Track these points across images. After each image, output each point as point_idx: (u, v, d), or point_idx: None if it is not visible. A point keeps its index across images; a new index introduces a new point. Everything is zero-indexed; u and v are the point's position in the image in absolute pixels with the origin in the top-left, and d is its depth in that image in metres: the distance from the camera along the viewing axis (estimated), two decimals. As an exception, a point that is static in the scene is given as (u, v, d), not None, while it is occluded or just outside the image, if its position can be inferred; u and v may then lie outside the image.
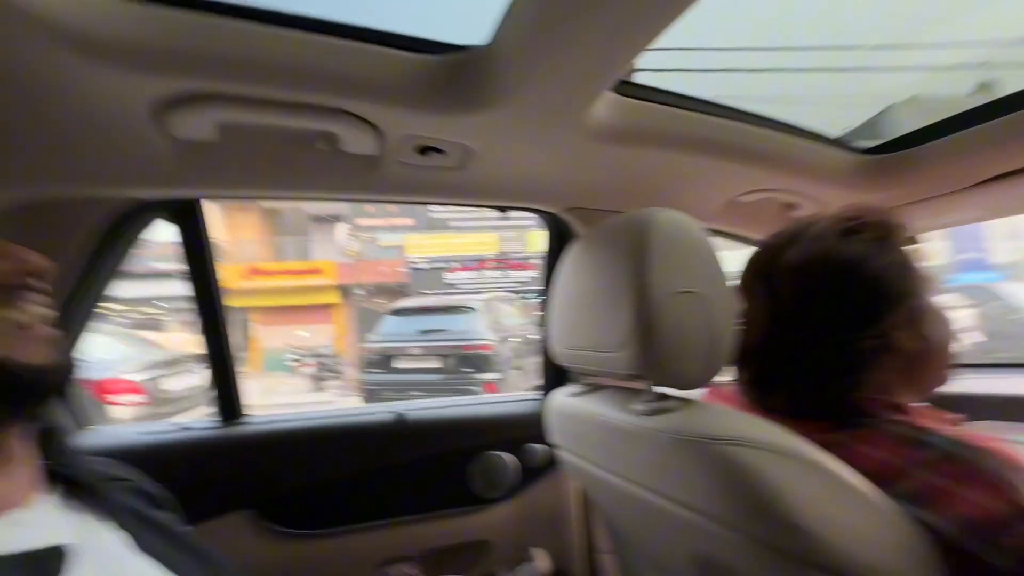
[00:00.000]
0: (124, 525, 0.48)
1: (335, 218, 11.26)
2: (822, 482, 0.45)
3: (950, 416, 0.58)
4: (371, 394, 5.40)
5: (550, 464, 1.13)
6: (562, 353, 0.74)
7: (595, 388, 0.78)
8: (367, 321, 10.49)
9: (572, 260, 0.73)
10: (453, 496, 1.08)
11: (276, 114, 0.65)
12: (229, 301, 1.02)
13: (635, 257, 0.55)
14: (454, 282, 11.61)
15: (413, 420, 1.08)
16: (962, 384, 0.77)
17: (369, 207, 12.24)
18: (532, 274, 11.54)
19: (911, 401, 0.58)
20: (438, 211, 12.47)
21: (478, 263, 12.00)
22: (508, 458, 1.10)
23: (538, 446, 1.12)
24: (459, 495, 1.08)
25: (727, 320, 0.56)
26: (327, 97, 0.64)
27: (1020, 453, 0.47)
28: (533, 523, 1.12)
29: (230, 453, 0.97)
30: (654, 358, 0.54)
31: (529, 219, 1.10)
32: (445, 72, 0.65)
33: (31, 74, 0.53)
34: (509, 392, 5.49)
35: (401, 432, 1.07)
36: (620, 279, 0.57)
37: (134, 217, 0.86)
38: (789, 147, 0.90)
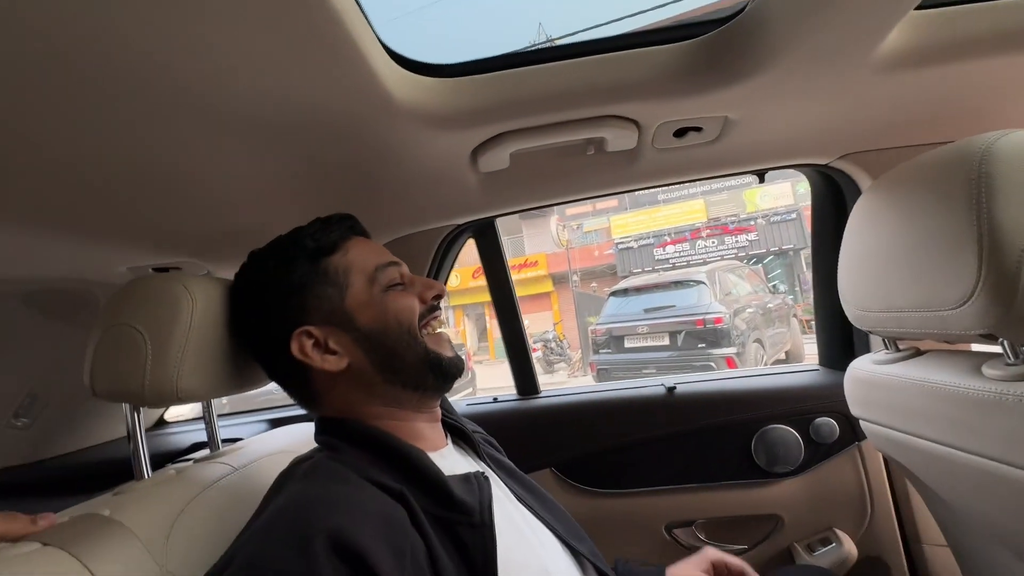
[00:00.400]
0: (492, 468, 0.64)
1: (548, 212, 11.90)
2: None
3: None
4: (602, 373, 5.61)
5: (843, 440, 1.03)
6: (864, 316, 0.67)
7: (915, 353, 0.69)
8: (582, 305, 10.84)
9: (867, 211, 0.66)
10: (735, 468, 1.07)
11: (553, 134, 0.75)
12: (465, 300, 1.25)
13: (974, 195, 0.47)
14: (664, 257, 11.05)
15: (684, 393, 1.12)
16: None
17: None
18: (751, 237, 10.25)
19: None
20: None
21: (690, 233, 11.16)
22: (792, 432, 1.05)
23: (828, 419, 1.04)
24: (741, 468, 1.07)
25: None
26: (596, 108, 0.72)
27: None
28: (829, 503, 1.04)
29: (531, 421, 1.17)
30: (1018, 313, 0.46)
31: (743, 179, 1.01)
32: (702, 53, 0.66)
33: (393, 147, 0.73)
34: (750, 366, 5.05)
35: (674, 404, 1.12)
36: (952, 223, 0.49)
37: (455, 239, 1.12)
38: None
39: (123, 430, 1.31)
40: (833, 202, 1.05)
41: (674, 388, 1.12)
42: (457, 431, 0.68)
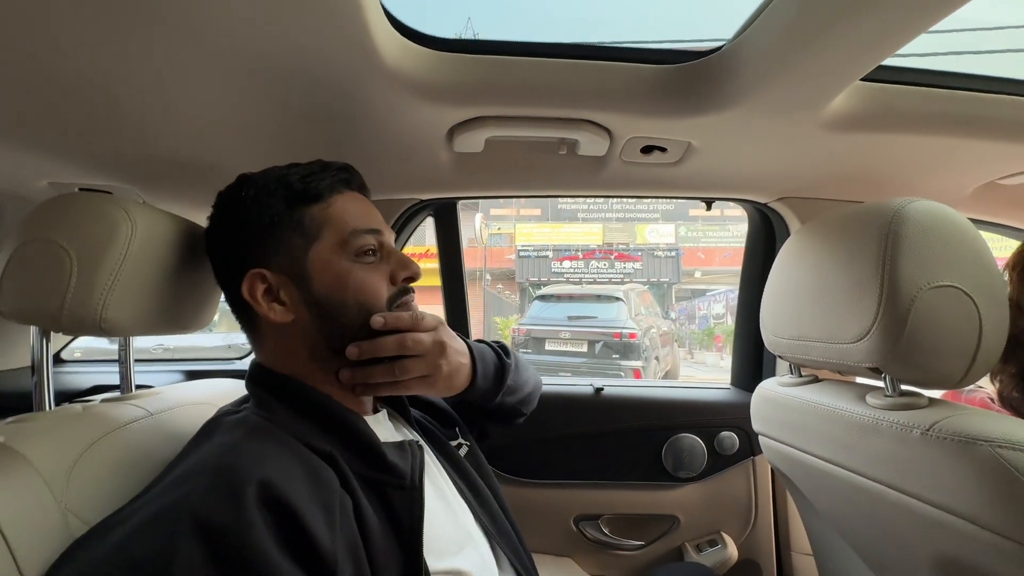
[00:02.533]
0: (423, 438, 0.65)
1: (473, 207, 11.96)
2: None
3: None
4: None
5: (741, 453, 1.14)
6: (777, 341, 0.75)
7: (813, 380, 0.78)
8: (488, 305, 11.14)
9: (795, 249, 0.74)
10: (644, 470, 1.15)
11: (531, 127, 0.78)
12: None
13: (882, 248, 0.54)
14: (560, 271, 11.83)
15: (610, 395, 1.18)
16: None
17: (508, 206, 12.83)
18: (636, 266, 11.63)
19: None
20: (566, 202, 12.58)
21: (597, 252, 12.04)
22: (698, 442, 1.15)
23: (732, 433, 1.14)
24: (650, 470, 1.15)
25: (999, 319, 0.53)
26: (574, 110, 0.75)
27: None
28: (721, 509, 1.15)
29: None
30: (901, 353, 0.54)
31: (635, 212, 1.11)
32: (680, 79, 0.70)
33: (372, 108, 0.71)
34: (651, 378, 5.51)
35: (599, 405, 1.18)
36: (861, 270, 0.57)
37: (414, 214, 1.11)
38: None
39: (13, 363, 1.18)
40: (765, 238, 1.16)
41: (602, 390, 1.19)
42: (394, 400, 0.68)
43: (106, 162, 0.79)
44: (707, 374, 8.67)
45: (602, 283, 10.02)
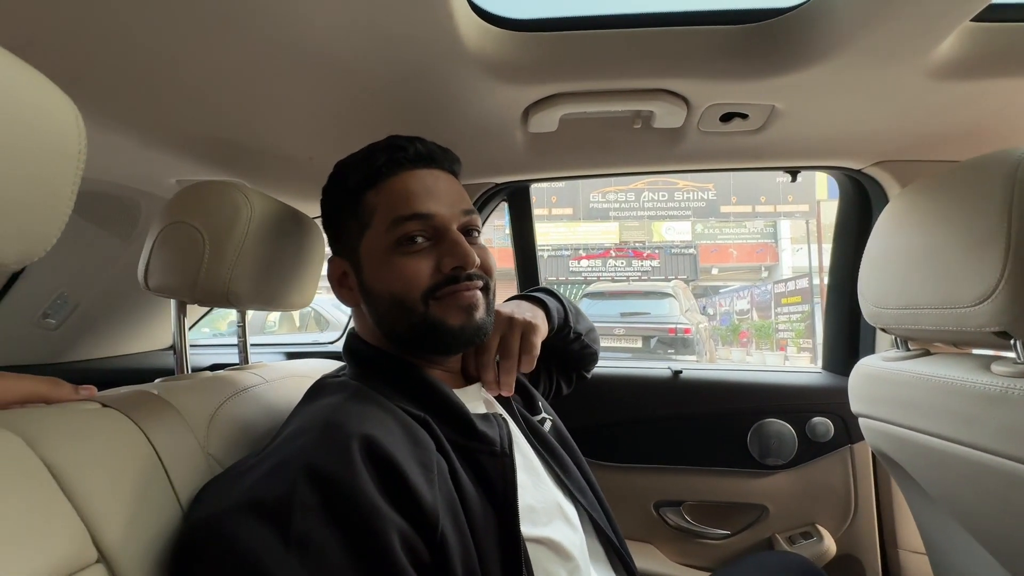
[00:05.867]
0: (512, 415, 0.66)
1: (502, 208, 12.40)
2: None
3: None
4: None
5: (836, 440, 1.07)
6: (880, 313, 0.70)
7: (924, 353, 0.72)
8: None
9: (897, 213, 0.68)
10: (728, 456, 1.11)
11: (606, 101, 0.77)
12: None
13: (1008, 198, 0.49)
14: (578, 270, 11.81)
15: (689, 378, 1.15)
16: None
17: (534, 196, 12.99)
18: (654, 263, 11.70)
19: None
20: (597, 200, 12.44)
21: (633, 251, 12.00)
22: (788, 427, 1.09)
23: (825, 419, 1.07)
24: (734, 456, 1.10)
25: None
26: (649, 80, 0.74)
27: None
28: (816, 499, 1.08)
29: None
30: None
31: (666, 209, 1.05)
32: (761, 37, 0.68)
33: (452, 93, 0.74)
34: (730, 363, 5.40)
35: (678, 388, 1.15)
36: (982, 225, 0.52)
37: (490, 198, 1.15)
38: None
39: (150, 345, 1.36)
40: (859, 208, 1.08)
41: (680, 372, 1.16)
42: None
43: (222, 158, 0.89)
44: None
45: (618, 280, 10.34)
